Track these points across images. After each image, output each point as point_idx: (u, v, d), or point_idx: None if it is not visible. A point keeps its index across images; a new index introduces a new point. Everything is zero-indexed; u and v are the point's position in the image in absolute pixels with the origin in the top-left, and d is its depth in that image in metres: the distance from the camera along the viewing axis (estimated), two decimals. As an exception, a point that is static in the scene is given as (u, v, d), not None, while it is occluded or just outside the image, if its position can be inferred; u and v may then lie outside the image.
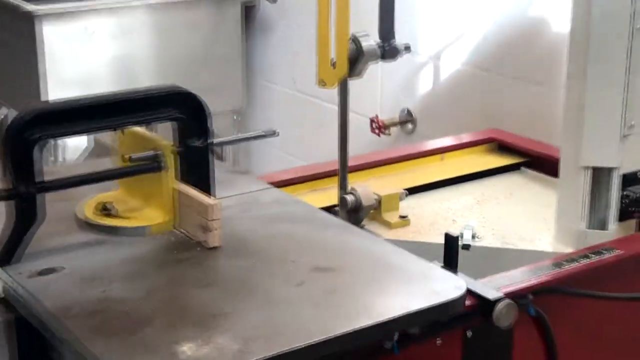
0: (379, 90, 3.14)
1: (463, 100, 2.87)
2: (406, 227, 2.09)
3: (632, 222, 1.98)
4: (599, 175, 1.92)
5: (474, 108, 2.82)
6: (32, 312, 1.50)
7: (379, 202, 2.08)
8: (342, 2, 1.86)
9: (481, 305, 1.62)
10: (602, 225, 1.94)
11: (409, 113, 3.05)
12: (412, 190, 2.22)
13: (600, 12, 1.83)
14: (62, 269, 1.57)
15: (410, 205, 2.16)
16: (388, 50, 1.99)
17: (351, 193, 2.04)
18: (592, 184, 1.93)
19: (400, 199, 2.13)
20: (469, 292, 1.58)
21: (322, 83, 1.93)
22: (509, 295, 1.64)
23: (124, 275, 1.56)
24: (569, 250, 1.91)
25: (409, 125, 3.06)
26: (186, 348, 1.34)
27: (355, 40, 1.94)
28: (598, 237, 1.91)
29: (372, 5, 2.02)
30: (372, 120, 3.02)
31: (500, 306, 1.61)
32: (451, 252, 1.70)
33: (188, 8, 3.40)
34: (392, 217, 2.09)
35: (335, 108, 2.82)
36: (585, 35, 1.86)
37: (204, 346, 1.35)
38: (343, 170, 2.05)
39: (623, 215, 1.94)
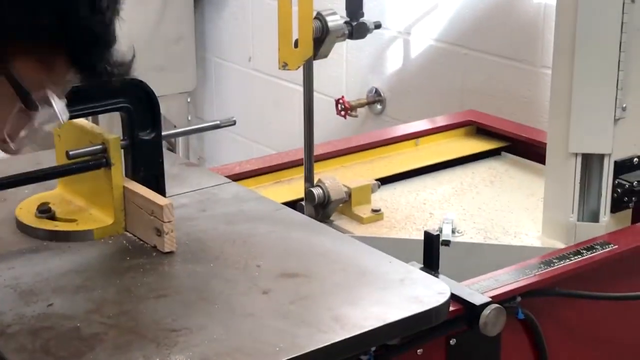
0: (344, 68, 3.12)
1: (437, 79, 2.86)
2: (379, 222, 2.07)
3: (627, 214, 1.97)
4: (590, 162, 1.91)
5: (448, 87, 2.81)
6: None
7: (349, 195, 2.07)
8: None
9: (466, 311, 1.60)
10: (594, 217, 1.93)
11: (378, 93, 3.04)
12: (385, 181, 2.21)
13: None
14: None
15: (383, 198, 2.15)
16: (356, 28, 1.98)
17: (318, 186, 2.03)
18: (582, 171, 1.91)
19: (372, 190, 2.12)
20: (453, 297, 1.55)
21: (283, 65, 1.90)
22: (496, 299, 1.62)
23: (66, 287, 1.52)
24: (558, 245, 1.91)
25: (378, 106, 3.05)
26: (138, 372, 1.32)
27: (320, 18, 1.92)
28: (590, 231, 1.91)
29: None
30: (337, 101, 3.01)
31: (487, 312, 1.59)
32: (431, 252, 1.68)
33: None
34: (363, 211, 2.08)
35: (296, 87, 2.78)
36: (574, 8, 1.84)
37: (160, 367, 1.33)
38: (309, 162, 2.03)
39: (616, 206, 1.93)
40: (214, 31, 3.67)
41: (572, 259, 1.78)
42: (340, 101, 2.99)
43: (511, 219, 2.08)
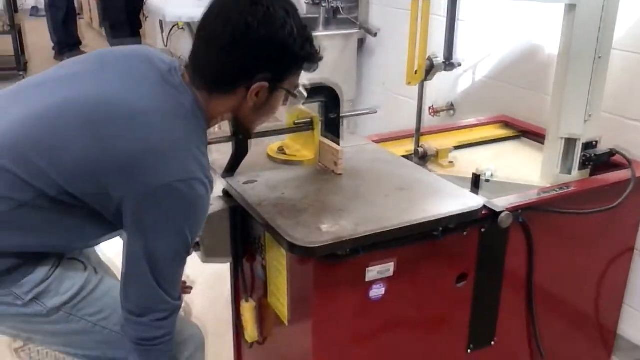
0: (435, 89, 3.03)
1: (485, 98, 2.79)
2: (452, 168, 2.06)
3: (587, 171, 1.93)
4: (569, 142, 1.88)
5: (491, 103, 2.74)
6: (242, 203, 1.58)
7: (437, 153, 2.05)
8: (423, 36, 1.85)
9: (491, 214, 1.62)
10: (569, 172, 1.90)
11: (452, 104, 2.99)
12: (456, 147, 2.18)
13: (577, 43, 1.78)
14: (257, 181, 1.64)
15: (455, 156, 2.13)
16: (448, 65, 1.97)
17: (421, 147, 2.03)
18: (564, 147, 1.89)
19: (449, 152, 2.10)
20: (485, 207, 1.60)
21: (409, 83, 1.90)
22: (508, 209, 1.64)
23: (290, 186, 1.61)
24: (548, 185, 1.88)
25: (452, 112, 2.99)
26: (325, 226, 1.42)
27: (430, 59, 1.93)
28: (566, 178, 1.88)
29: (441, 35, 2.01)
30: (430, 107, 2.98)
31: (503, 215, 1.61)
32: (476, 183, 1.72)
33: (331, 40, 3.38)
34: (444, 162, 2.06)
35: (406, 99, 2.76)
36: (567, 57, 1.81)
37: (334, 225, 1.42)
38: (417, 134, 2.04)
39: (581, 166, 1.91)
40: (366, 68, 3.68)
41: (553, 192, 1.77)
42: (432, 107, 2.98)
43: (524, 171, 2.03)
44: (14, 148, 1.16)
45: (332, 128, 1.74)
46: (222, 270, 2.03)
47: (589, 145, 1.90)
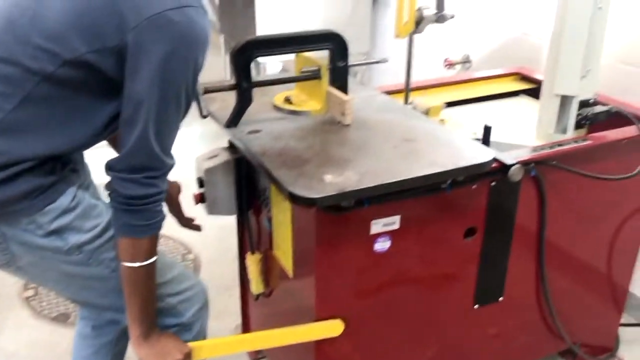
0: (452, 42, 3.01)
1: (503, 49, 2.72)
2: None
3: (583, 130, 1.85)
4: (565, 100, 1.79)
5: (511, 55, 2.67)
6: (246, 153, 1.55)
7: (428, 110, 1.93)
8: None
9: (502, 167, 1.58)
10: (564, 131, 1.81)
11: (468, 57, 2.90)
12: (451, 104, 2.05)
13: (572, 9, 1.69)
14: (262, 131, 1.59)
15: (448, 113, 2.01)
16: (439, 17, 1.88)
17: (410, 103, 1.94)
18: (560, 104, 1.80)
19: (441, 109, 1.97)
20: (495, 159, 1.55)
21: (398, 35, 1.83)
22: (520, 162, 1.59)
23: (296, 137, 1.57)
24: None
25: (467, 64, 2.90)
26: (329, 177, 1.38)
27: (419, 10, 1.85)
28: (561, 138, 1.80)
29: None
30: (445, 60, 2.90)
31: (514, 168, 1.57)
32: (486, 135, 1.66)
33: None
34: (435, 119, 1.90)
35: (422, 52, 2.69)
36: (565, 6, 1.70)
37: (339, 176, 1.38)
38: (407, 89, 1.96)
39: (577, 126, 1.82)
40: (380, 20, 3.60)
41: (552, 149, 1.69)
42: (447, 59, 2.87)
43: (519, 130, 1.92)
44: (2, 33, 1.14)
45: (341, 77, 1.70)
46: (230, 224, 2.03)
47: (584, 104, 1.80)
